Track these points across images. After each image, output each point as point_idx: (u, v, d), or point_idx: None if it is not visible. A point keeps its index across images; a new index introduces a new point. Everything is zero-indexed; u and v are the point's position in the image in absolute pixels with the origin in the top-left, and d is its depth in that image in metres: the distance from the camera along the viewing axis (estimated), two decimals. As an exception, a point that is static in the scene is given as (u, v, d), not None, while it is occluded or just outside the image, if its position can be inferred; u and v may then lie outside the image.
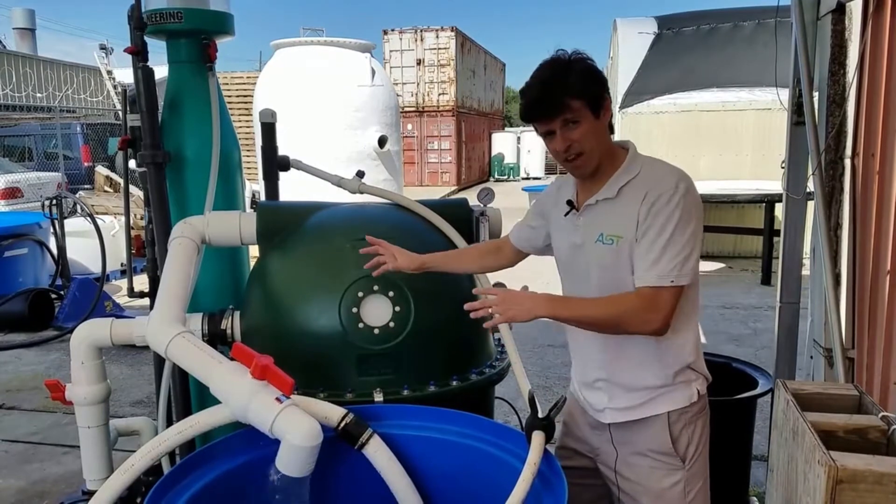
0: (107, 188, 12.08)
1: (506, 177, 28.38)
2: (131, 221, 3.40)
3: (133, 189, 6.12)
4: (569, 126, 1.81)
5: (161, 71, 2.84)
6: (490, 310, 1.79)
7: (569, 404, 2.19)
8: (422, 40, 24.22)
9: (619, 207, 1.85)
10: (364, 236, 2.40)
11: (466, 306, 1.82)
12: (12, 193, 11.51)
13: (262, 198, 3.42)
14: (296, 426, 1.64)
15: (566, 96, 1.78)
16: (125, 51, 2.77)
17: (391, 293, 2.26)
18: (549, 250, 2.14)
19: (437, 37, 24.16)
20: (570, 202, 1.97)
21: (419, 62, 24.40)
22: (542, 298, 1.81)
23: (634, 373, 1.92)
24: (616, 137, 1.98)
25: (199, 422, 1.75)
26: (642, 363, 1.91)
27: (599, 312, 1.81)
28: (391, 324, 2.24)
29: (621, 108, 10.29)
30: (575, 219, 1.95)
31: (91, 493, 2.11)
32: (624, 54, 10.84)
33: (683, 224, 1.78)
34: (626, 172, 1.87)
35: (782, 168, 3.44)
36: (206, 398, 2.10)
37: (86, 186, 12.73)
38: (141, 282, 3.18)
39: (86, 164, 14.10)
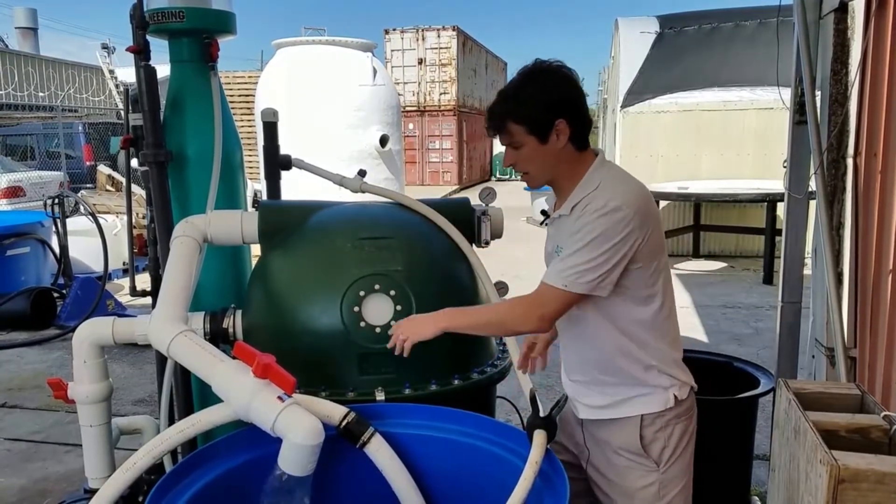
0: (109, 187, 12.10)
1: (507, 176, 28.33)
2: (133, 220, 3.40)
3: (135, 188, 6.12)
4: (511, 147, 1.90)
5: (163, 70, 2.84)
6: (398, 339, 1.93)
7: None
8: (423, 39, 24.21)
9: (570, 222, 1.91)
10: (366, 235, 2.40)
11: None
12: (14, 192, 11.55)
13: (264, 197, 3.41)
14: (298, 425, 1.64)
15: (507, 120, 1.86)
16: (127, 50, 2.77)
17: (392, 292, 2.26)
18: None
19: (439, 36, 24.15)
20: (544, 212, 2.09)
21: (420, 61, 24.39)
22: (440, 313, 1.93)
23: (602, 374, 1.98)
24: (618, 137, 2.01)
25: (201, 420, 1.76)
26: (608, 367, 1.97)
27: (487, 316, 1.96)
28: (393, 322, 2.24)
29: (623, 107, 10.29)
30: (549, 228, 2.06)
31: (93, 492, 2.11)
32: (625, 53, 10.84)
33: (597, 239, 1.79)
34: (582, 189, 1.90)
35: (784, 167, 3.44)
36: (207, 397, 2.10)
37: (88, 185, 12.75)
38: (143, 281, 3.18)
39: (88, 163, 14.14)
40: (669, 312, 1.99)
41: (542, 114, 1.84)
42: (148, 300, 3.01)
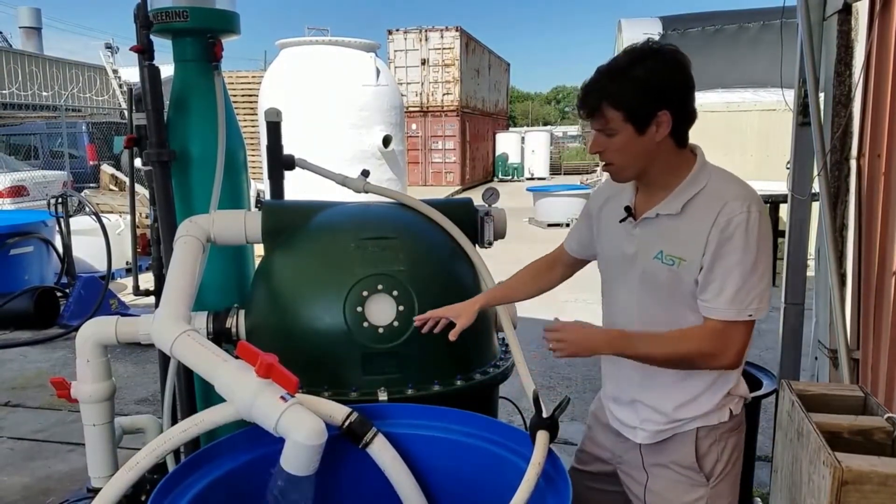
0: (112, 187, 12.12)
1: (510, 177, 28.38)
2: (136, 220, 3.40)
3: (138, 188, 6.11)
4: (603, 133, 1.72)
5: (167, 70, 2.84)
6: (551, 346, 1.73)
7: (594, 409, 2.16)
8: (426, 40, 24.23)
9: (685, 226, 1.72)
10: (369, 235, 2.40)
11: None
12: (18, 192, 11.54)
13: (267, 196, 3.42)
14: (300, 424, 1.65)
15: (603, 104, 1.67)
16: (131, 49, 2.78)
17: (395, 292, 2.26)
18: None
19: (442, 37, 24.17)
20: (627, 208, 1.84)
21: (424, 62, 24.41)
22: (603, 337, 1.74)
23: (675, 398, 1.84)
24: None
25: (204, 420, 1.76)
26: (684, 387, 1.84)
27: (667, 351, 1.71)
28: (395, 323, 2.24)
29: (626, 108, 10.27)
30: (630, 227, 1.83)
31: (96, 491, 2.12)
32: (629, 54, 10.82)
33: (761, 253, 1.67)
34: (691, 185, 1.73)
35: (787, 169, 3.44)
36: (210, 396, 2.10)
37: (91, 185, 12.78)
38: (146, 280, 3.19)
39: (91, 162, 14.16)
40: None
41: (645, 101, 1.65)
42: (151, 300, 3.02)
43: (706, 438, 1.87)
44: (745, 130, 10.00)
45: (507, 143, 29.52)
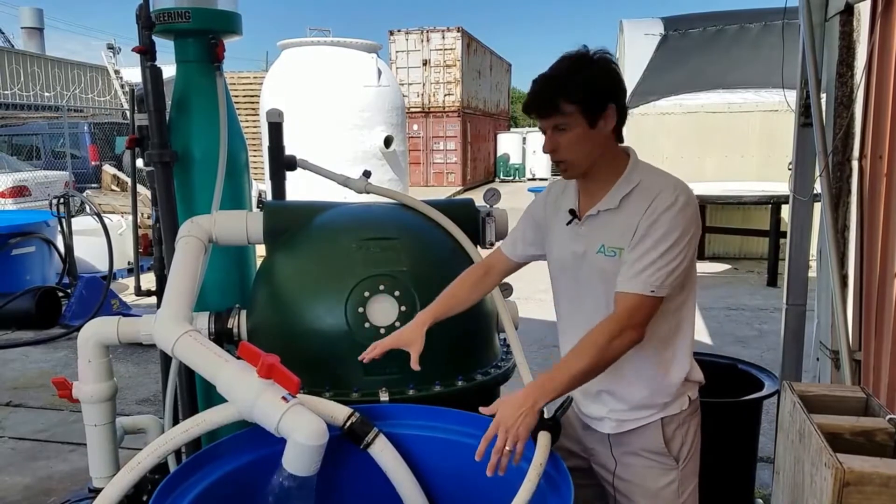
0: (114, 187, 12.14)
1: (511, 177, 28.37)
2: (138, 220, 3.41)
3: (140, 188, 6.10)
4: (557, 130, 1.80)
5: (169, 70, 2.84)
6: (507, 447, 1.67)
7: None
8: (428, 41, 24.24)
9: (621, 219, 1.84)
10: (371, 236, 2.41)
11: (485, 463, 1.69)
12: (20, 192, 11.55)
13: (269, 197, 3.42)
14: (302, 425, 1.65)
15: (560, 99, 1.76)
16: (133, 50, 2.78)
17: (397, 293, 2.26)
18: (543, 257, 2.12)
19: (444, 37, 24.17)
20: (572, 211, 1.94)
21: (425, 63, 24.42)
22: (531, 394, 1.71)
23: (638, 387, 1.92)
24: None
25: (206, 420, 1.76)
26: (643, 374, 1.91)
27: (585, 361, 1.74)
28: (397, 323, 2.24)
29: (627, 108, 10.26)
30: (577, 228, 1.93)
31: (97, 491, 2.12)
32: (630, 55, 10.82)
33: (678, 237, 1.77)
34: (626, 182, 1.86)
35: (789, 170, 3.44)
36: (212, 397, 2.10)
37: (93, 185, 12.78)
38: (148, 280, 3.19)
39: (93, 162, 14.15)
40: (694, 308, 1.97)
41: (596, 95, 1.79)
42: (153, 300, 3.02)
43: (670, 425, 1.95)
44: (746, 131, 10.00)
45: (508, 143, 29.51)
